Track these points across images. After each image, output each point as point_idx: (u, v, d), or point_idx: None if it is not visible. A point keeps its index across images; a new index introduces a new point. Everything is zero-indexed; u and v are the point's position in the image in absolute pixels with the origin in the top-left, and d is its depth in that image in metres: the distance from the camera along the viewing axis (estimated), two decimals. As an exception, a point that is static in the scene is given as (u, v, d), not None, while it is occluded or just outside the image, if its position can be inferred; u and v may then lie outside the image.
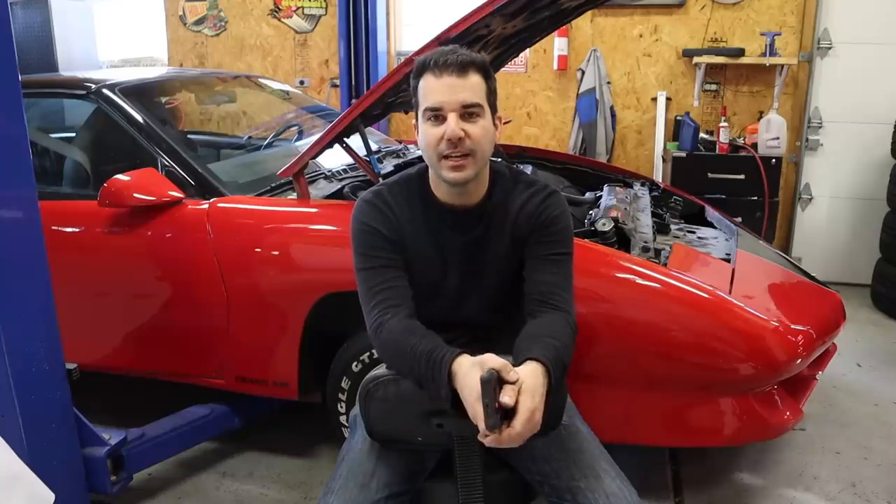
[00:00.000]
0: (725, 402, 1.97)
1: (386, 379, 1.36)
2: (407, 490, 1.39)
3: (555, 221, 1.46)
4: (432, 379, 1.24)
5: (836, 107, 3.99)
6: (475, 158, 1.36)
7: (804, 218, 4.16)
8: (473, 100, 1.35)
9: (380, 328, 1.36)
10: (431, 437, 1.33)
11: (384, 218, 1.43)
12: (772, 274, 2.40)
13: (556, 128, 4.47)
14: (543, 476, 1.38)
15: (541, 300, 1.40)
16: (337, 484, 1.37)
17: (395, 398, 1.34)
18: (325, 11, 4.70)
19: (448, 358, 1.23)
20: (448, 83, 1.33)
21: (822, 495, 2.20)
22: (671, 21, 4.14)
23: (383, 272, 1.41)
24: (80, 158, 2.71)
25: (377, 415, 1.36)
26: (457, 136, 1.32)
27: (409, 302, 1.41)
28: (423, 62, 1.37)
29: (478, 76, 1.36)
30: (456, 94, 1.33)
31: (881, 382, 2.92)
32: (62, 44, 4.50)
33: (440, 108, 1.34)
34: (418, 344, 1.29)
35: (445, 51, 1.36)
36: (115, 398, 2.69)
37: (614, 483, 1.33)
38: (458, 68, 1.33)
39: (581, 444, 1.40)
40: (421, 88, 1.37)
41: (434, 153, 1.36)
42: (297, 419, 2.56)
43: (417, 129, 1.42)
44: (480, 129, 1.36)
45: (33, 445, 1.76)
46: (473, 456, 1.31)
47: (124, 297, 2.39)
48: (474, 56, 1.37)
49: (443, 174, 1.38)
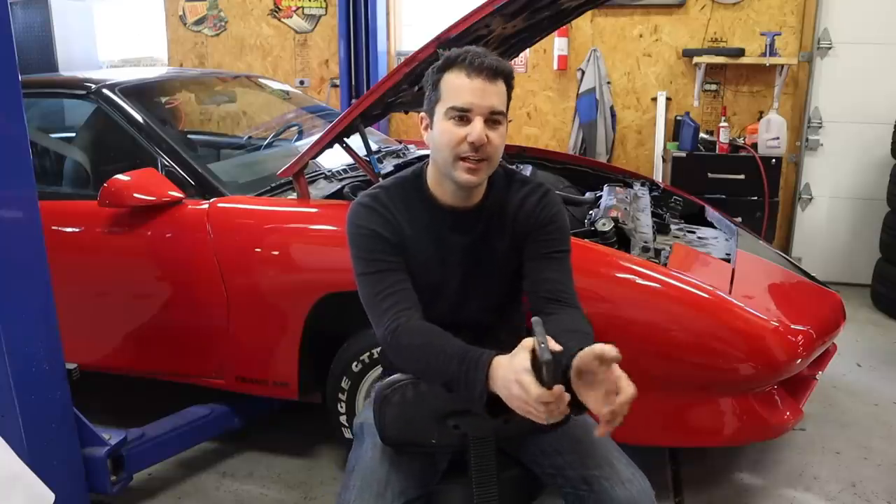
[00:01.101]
0: (725, 402, 1.97)
1: (403, 383, 1.35)
2: (422, 494, 1.38)
3: (553, 220, 1.46)
4: (466, 379, 1.21)
5: (836, 107, 3.99)
6: (489, 164, 1.36)
7: (804, 218, 4.16)
8: (501, 107, 1.34)
9: (396, 332, 1.33)
10: (445, 438, 1.33)
11: (384, 220, 1.41)
12: (772, 274, 2.40)
13: (556, 128, 4.47)
14: (557, 469, 1.38)
15: (549, 297, 1.41)
16: (352, 495, 1.32)
17: (412, 401, 1.34)
18: (325, 11, 4.70)
19: (486, 358, 1.20)
20: (479, 86, 1.31)
21: (822, 495, 2.20)
22: (671, 21, 4.14)
23: (388, 276, 1.39)
24: (80, 158, 2.71)
25: (392, 419, 1.35)
26: (482, 141, 1.31)
27: (418, 304, 1.39)
28: (455, 58, 1.34)
29: (504, 85, 1.35)
30: (487, 98, 1.32)
31: (881, 382, 2.92)
32: (62, 44, 4.50)
33: (469, 109, 1.32)
34: (446, 345, 1.27)
35: (478, 52, 1.33)
36: (115, 398, 2.69)
37: (628, 470, 1.35)
38: (492, 73, 1.32)
39: (590, 434, 1.40)
40: (447, 84, 1.34)
41: (451, 153, 1.34)
42: (297, 419, 2.56)
43: (430, 123, 1.39)
44: (500, 137, 1.35)
45: (33, 445, 1.76)
46: (488, 455, 1.32)
47: (124, 297, 2.39)
48: (506, 64, 1.36)
49: (455, 174, 1.36)
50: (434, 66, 1.38)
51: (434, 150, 1.39)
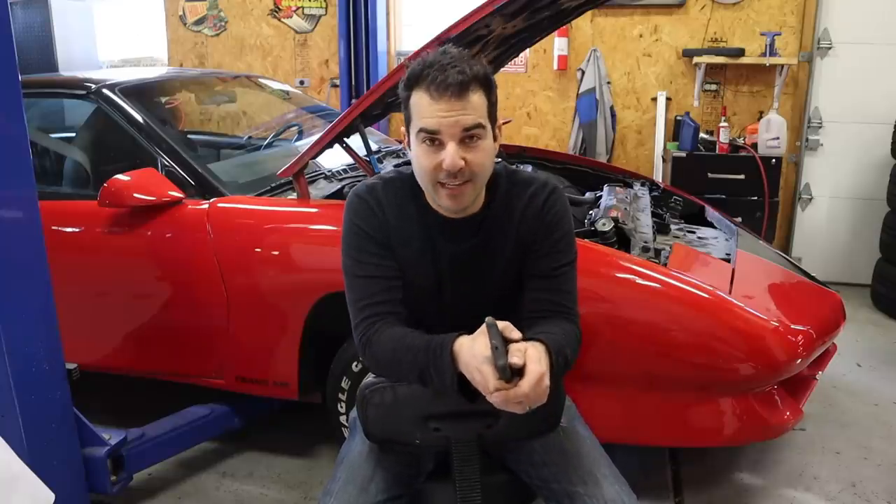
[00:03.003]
0: (725, 402, 1.97)
1: (382, 386, 1.34)
2: (406, 493, 1.39)
3: (559, 225, 1.38)
4: (435, 367, 1.20)
5: (836, 107, 3.99)
6: (475, 183, 1.28)
7: (804, 218, 4.16)
8: (475, 122, 1.23)
9: (368, 344, 1.32)
10: (429, 438, 1.34)
11: (375, 220, 1.36)
12: (772, 274, 2.40)
13: (556, 128, 4.47)
14: (542, 480, 1.37)
15: (545, 309, 1.37)
16: (336, 486, 1.36)
17: (391, 403, 1.33)
18: (325, 11, 4.70)
19: (448, 341, 1.19)
20: (445, 108, 1.21)
21: (822, 495, 2.20)
22: (671, 21, 4.14)
23: (372, 284, 1.34)
24: (80, 158, 2.71)
25: (374, 419, 1.36)
26: (457, 167, 1.22)
27: (399, 308, 1.35)
28: (416, 75, 1.23)
29: (478, 93, 1.24)
30: (455, 119, 1.21)
31: (881, 382, 2.92)
32: (62, 44, 4.50)
33: (438, 131, 1.23)
34: (412, 342, 1.26)
35: (443, 64, 1.21)
36: (115, 398, 2.69)
37: (612, 488, 1.31)
38: (458, 90, 1.20)
39: (580, 447, 1.39)
40: (414, 105, 1.26)
41: (430, 178, 1.27)
42: (297, 419, 2.56)
43: (409, 143, 1.32)
44: (482, 154, 1.26)
45: (33, 445, 1.76)
46: (471, 458, 1.31)
47: (124, 297, 2.39)
48: (475, 70, 1.23)
49: (439, 201, 1.31)
50: (401, 80, 1.29)
51: (416, 175, 1.32)
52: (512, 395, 1.09)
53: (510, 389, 1.09)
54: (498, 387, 1.09)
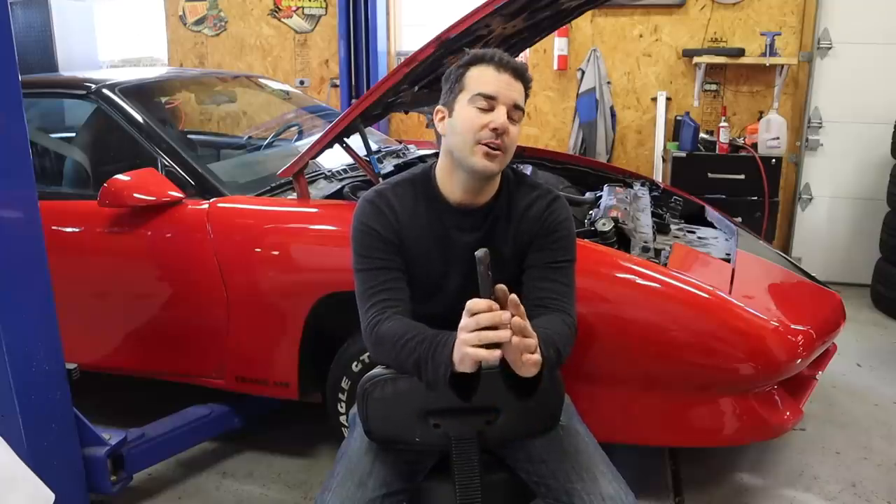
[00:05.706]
0: (725, 402, 1.97)
1: (383, 378, 1.36)
2: (404, 489, 1.39)
3: (559, 227, 1.46)
4: (433, 357, 1.23)
5: (836, 107, 3.99)
6: (504, 156, 1.40)
7: (804, 218, 4.16)
8: (522, 104, 1.41)
9: (376, 326, 1.36)
10: (429, 437, 1.34)
11: (384, 219, 1.43)
12: (772, 274, 2.40)
13: (556, 128, 4.47)
14: (540, 477, 1.38)
15: (540, 306, 1.40)
16: (335, 482, 1.37)
17: (392, 397, 1.35)
18: (325, 11, 4.70)
19: (454, 338, 1.21)
20: (506, 80, 1.39)
21: (822, 495, 2.20)
22: (671, 21, 4.14)
23: (379, 274, 1.41)
24: (80, 158, 2.70)
25: (375, 414, 1.37)
26: (505, 127, 1.36)
27: (406, 303, 1.41)
28: (483, 55, 1.41)
29: (524, 88, 1.43)
30: (512, 91, 1.39)
31: (881, 382, 2.92)
32: (62, 44, 4.50)
33: (496, 96, 1.37)
34: (419, 330, 1.30)
35: (502, 52, 1.41)
36: (115, 398, 2.69)
37: (611, 486, 1.33)
38: (516, 72, 1.40)
39: (578, 445, 1.40)
40: (473, 75, 1.40)
41: (472, 137, 1.37)
42: (297, 419, 2.56)
43: (448, 113, 1.42)
44: (515, 133, 1.40)
45: (33, 445, 1.76)
46: (471, 456, 1.31)
47: (124, 297, 2.39)
48: (528, 72, 1.44)
49: (473, 160, 1.38)
50: (458, 62, 1.43)
51: (452, 135, 1.42)
52: (498, 315, 1.12)
53: (497, 310, 1.12)
54: (484, 308, 1.12)
